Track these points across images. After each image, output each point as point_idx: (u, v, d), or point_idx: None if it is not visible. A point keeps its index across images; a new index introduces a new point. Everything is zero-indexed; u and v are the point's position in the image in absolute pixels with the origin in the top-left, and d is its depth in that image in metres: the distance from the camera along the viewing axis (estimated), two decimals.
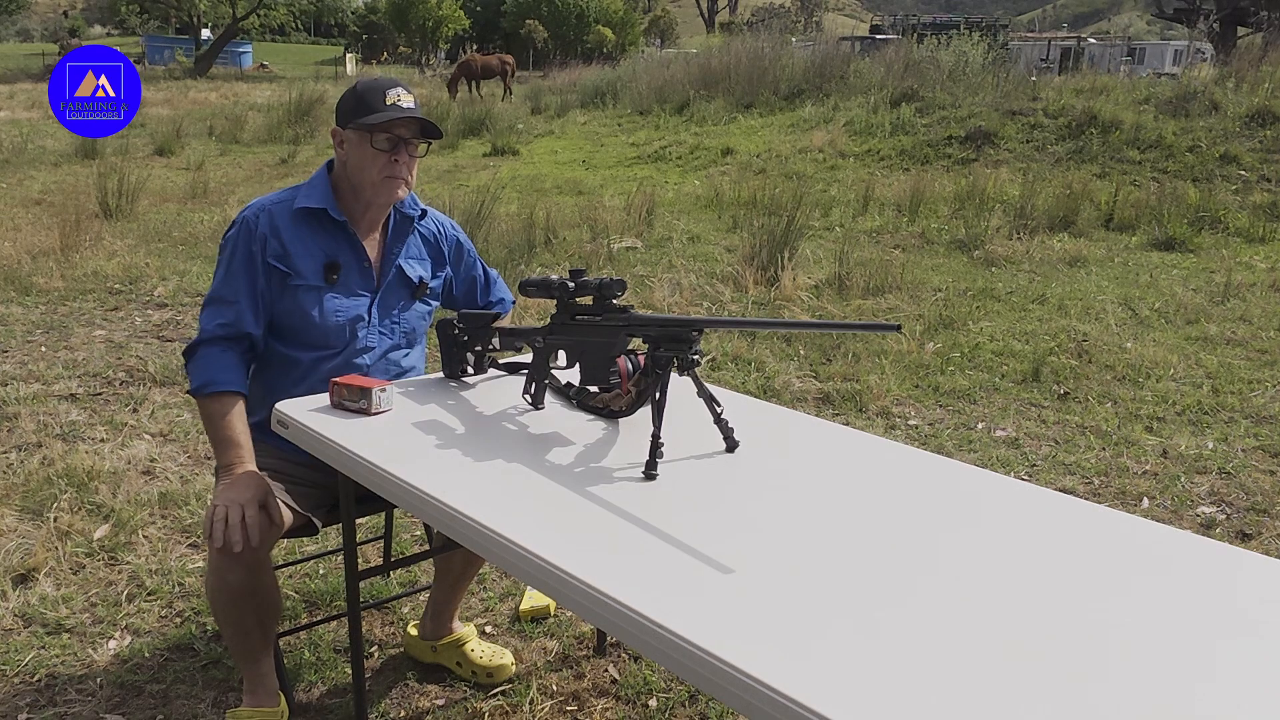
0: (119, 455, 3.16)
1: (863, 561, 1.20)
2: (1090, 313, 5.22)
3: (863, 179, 9.28)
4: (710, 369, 4.18)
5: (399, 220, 1.98)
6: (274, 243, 1.84)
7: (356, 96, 1.86)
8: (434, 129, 1.90)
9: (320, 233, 1.89)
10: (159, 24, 44.23)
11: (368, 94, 1.85)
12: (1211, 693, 0.94)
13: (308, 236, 1.88)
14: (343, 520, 1.74)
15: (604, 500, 1.34)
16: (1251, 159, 8.96)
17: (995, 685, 0.94)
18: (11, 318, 4.71)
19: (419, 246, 2.02)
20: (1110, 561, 1.22)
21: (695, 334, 1.45)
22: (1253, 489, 3.16)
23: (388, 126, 1.83)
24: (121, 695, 2.02)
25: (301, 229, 1.87)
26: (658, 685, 2.09)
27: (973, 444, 3.48)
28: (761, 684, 0.92)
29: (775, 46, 14.90)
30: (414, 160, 1.89)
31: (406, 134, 1.86)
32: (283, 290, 1.85)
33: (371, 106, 1.83)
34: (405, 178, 1.88)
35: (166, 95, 19.26)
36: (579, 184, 9.86)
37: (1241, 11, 21.50)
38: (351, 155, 1.87)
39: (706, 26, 57.90)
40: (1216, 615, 1.09)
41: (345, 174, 1.90)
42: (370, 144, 1.84)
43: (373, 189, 1.87)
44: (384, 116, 1.82)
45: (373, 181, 1.86)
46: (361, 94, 1.86)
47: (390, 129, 1.84)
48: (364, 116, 1.83)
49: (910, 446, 1.65)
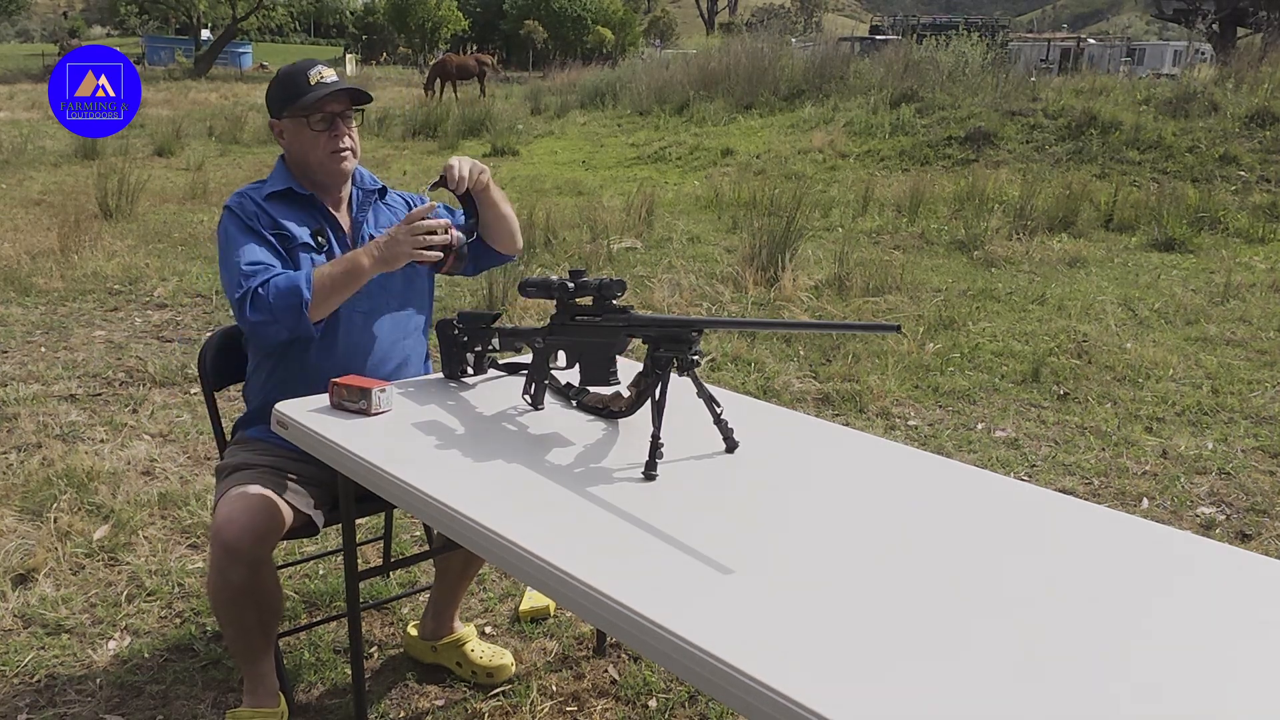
0: (119, 456, 3.16)
1: (862, 562, 1.20)
2: (1090, 313, 5.22)
3: (862, 179, 9.28)
4: (710, 369, 4.18)
5: (361, 196, 2.02)
6: (265, 217, 1.88)
7: (281, 84, 1.92)
8: (363, 95, 1.94)
9: (296, 209, 1.93)
10: (159, 24, 44.23)
11: (291, 80, 1.90)
12: (1211, 693, 0.94)
13: (288, 213, 1.91)
14: (342, 520, 1.74)
15: (604, 500, 1.34)
16: (1251, 159, 8.97)
17: (995, 685, 0.94)
18: (11, 318, 4.70)
19: (390, 218, 2.03)
20: (1110, 562, 1.22)
21: (695, 334, 1.45)
22: (1252, 489, 3.16)
23: (319, 105, 1.87)
24: (121, 696, 2.02)
25: (279, 207, 1.91)
26: (658, 686, 2.09)
27: (972, 444, 3.48)
28: (761, 684, 0.92)
29: (775, 47, 14.90)
30: (353, 129, 1.94)
31: (339, 108, 1.90)
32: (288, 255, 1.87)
33: (299, 90, 1.88)
34: (350, 147, 1.93)
35: (166, 96, 19.26)
36: (579, 184, 9.86)
37: (1241, 12, 21.52)
38: (293, 142, 1.92)
39: (706, 27, 57.91)
40: (1216, 616, 1.09)
41: (294, 161, 1.94)
42: (308, 127, 1.88)
43: (322, 169, 1.91)
44: (314, 96, 1.86)
45: (320, 161, 1.91)
46: (284, 81, 1.91)
47: (322, 107, 1.88)
48: (294, 102, 1.87)
49: (910, 447, 1.65)
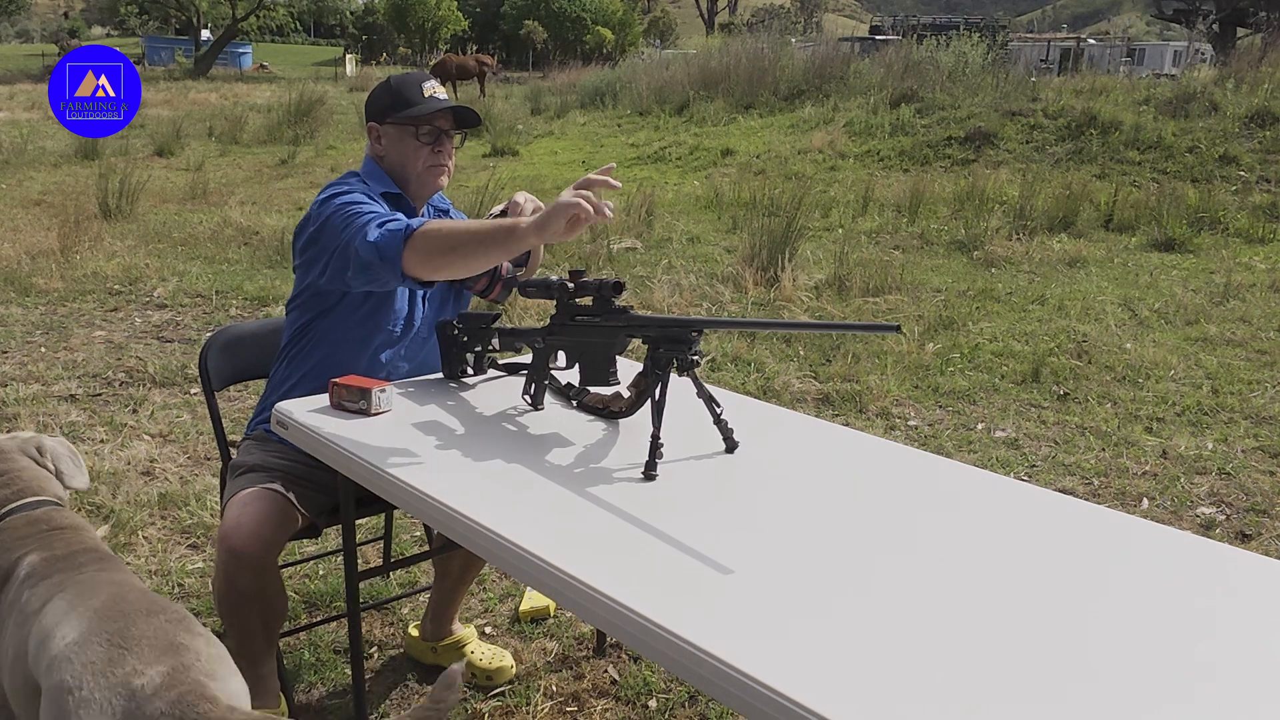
0: (118, 456, 3.16)
1: (863, 562, 1.20)
2: (1090, 313, 5.22)
3: (862, 180, 9.28)
4: (710, 370, 4.18)
5: (432, 214, 2.01)
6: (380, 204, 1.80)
7: (392, 91, 1.89)
8: (473, 116, 1.93)
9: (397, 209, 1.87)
10: (159, 25, 44.29)
11: (404, 88, 1.88)
12: (1211, 693, 0.94)
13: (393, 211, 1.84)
14: (343, 521, 1.74)
15: (604, 501, 1.34)
16: (1251, 160, 8.97)
17: (995, 685, 0.94)
18: (11, 318, 4.70)
19: None
20: (1110, 562, 1.22)
21: (695, 334, 1.46)
22: (1252, 490, 3.16)
23: (430, 119, 1.87)
24: None
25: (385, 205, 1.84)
26: (657, 686, 2.09)
27: (972, 444, 3.48)
28: (761, 684, 0.92)
29: (775, 47, 14.89)
30: (453, 149, 1.93)
31: (446, 125, 1.90)
32: None
33: (410, 100, 1.86)
34: (448, 166, 1.92)
35: (166, 96, 19.25)
36: None
37: (1241, 12, 21.53)
38: (392, 149, 1.90)
39: (706, 27, 57.89)
40: (1217, 616, 1.09)
41: (388, 167, 1.92)
42: (415, 137, 1.87)
43: (418, 180, 1.90)
44: (426, 109, 1.85)
45: (418, 173, 1.89)
46: (397, 88, 1.89)
47: (433, 120, 1.87)
48: (403, 110, 1.86)
49: (910, 447, 1.65)
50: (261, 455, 1.85)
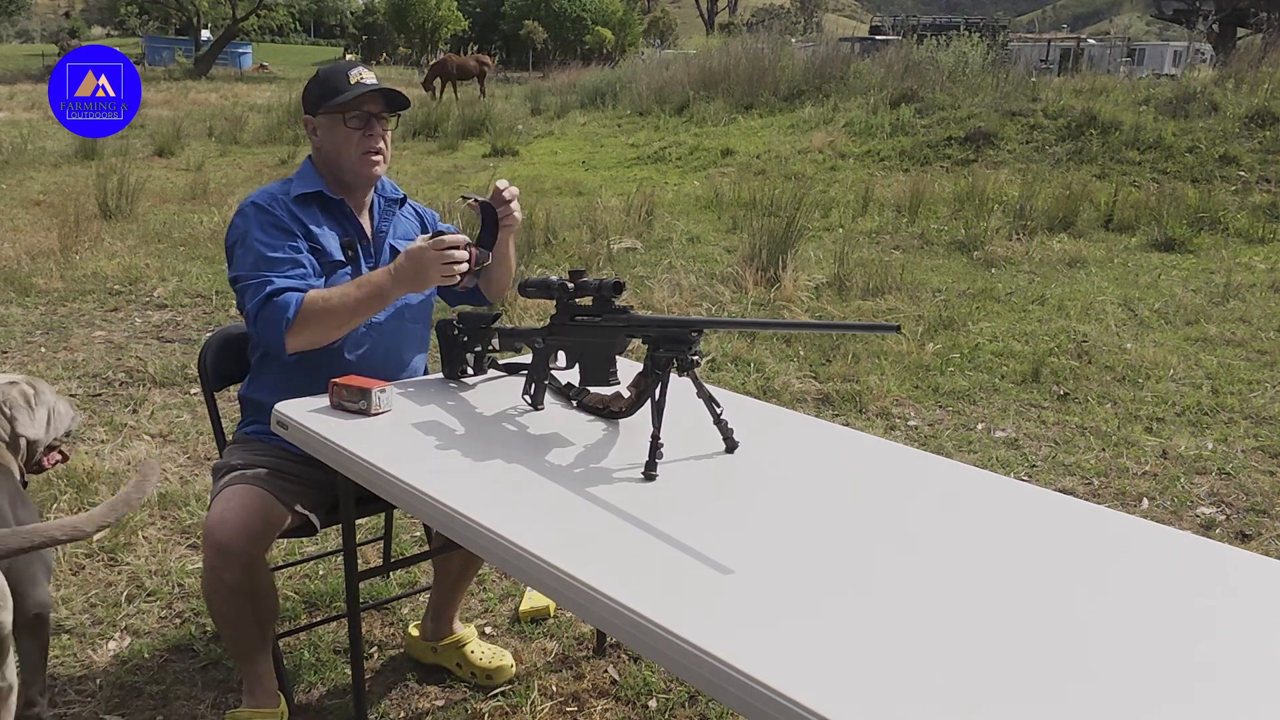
0: (118, 456, 3.16)
1: (863, 562, 1.20)
2: (1090, 313, 5.22)
3: (862, 180, 9.28)
4: (710, 370, 4.18)
5: (384, 204, 2.01)
6: (298, 226, 1.85)
7: (321, 82, 1.91)
8: (401, 99, 1.94)
9: (324, 215, 1.91)
10: (159, 25, 44.31)
11: (332, 77, 1.90)
12: (1211, 694, 0.94)
13: (319, 218, 1.90)
14: (342, 521, 1.74)
15: (604, 500, 1.34)
16: (1251, 160, 8.97)
17: (996, 685, 0.94)
18: (11, 319, 4.70)
19: (408, 228, 2.03)
20: (1110, 562, 1.22)
21: (695, 335, 1.45)
22: (1252, 490, 3.16)
23: (357, 104, 1.88)
24: (121, 696, 2.02)
25: (309, 212, 1.89)
26: (657, 686, 2.09)
27: (972, 445, 3.48)
28: (761, 684, 0.92)
29: (775, 47, 14.90)
30: (387, 134, 1.94)
31: (376, 109, 1.90)
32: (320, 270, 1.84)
33: (338, 88, 1.88)
34: (382, 150, 1.92)
35: (166, 96, 19.25)
36: (579, 185, 9.85)
37: (1241, 12, 21.54)
38: (326, 139, 1.91)
39: (706, 27, 57.92)
40: (1217, 616, 1.09)
41: (324, 159, 1.93)
42: (344, 124, 1.88)
43: (352, 169, 1.91)
44: (352, 94, 1.86)
45: (351, 161, 1.90)
46: (325, 78, 1.91)
47: (359, 106, 1.88)
48: (331, 99, 1.87)
49: (910, 447, 1.65)
50: (244, 455, 1.85)
